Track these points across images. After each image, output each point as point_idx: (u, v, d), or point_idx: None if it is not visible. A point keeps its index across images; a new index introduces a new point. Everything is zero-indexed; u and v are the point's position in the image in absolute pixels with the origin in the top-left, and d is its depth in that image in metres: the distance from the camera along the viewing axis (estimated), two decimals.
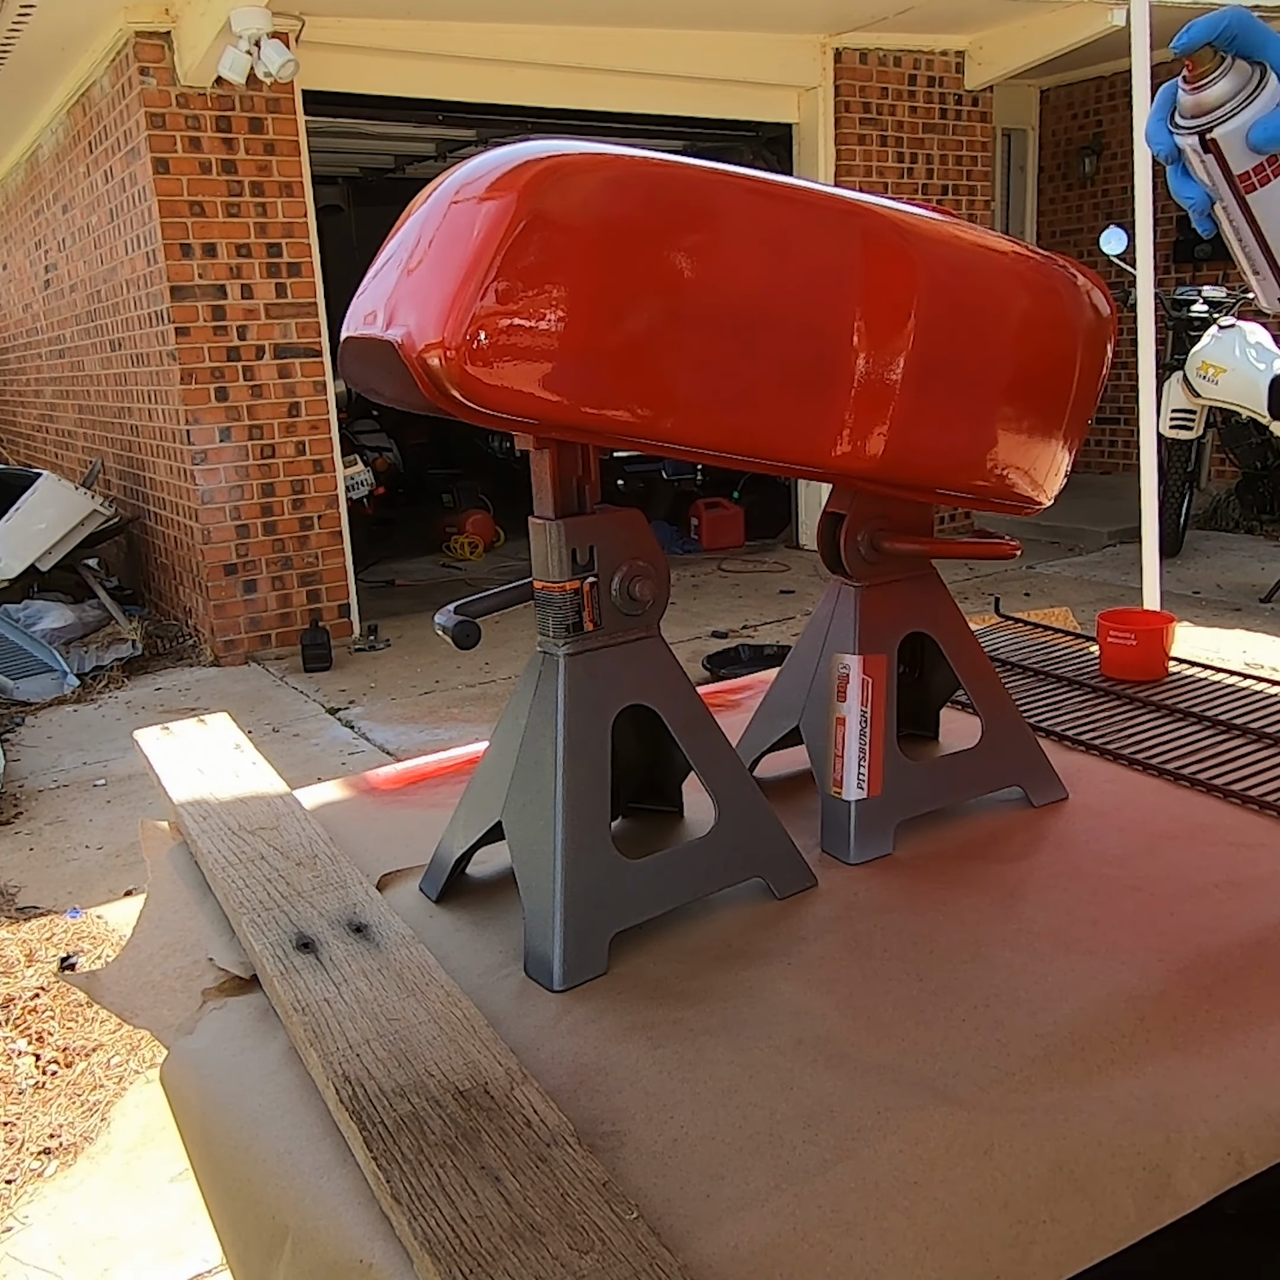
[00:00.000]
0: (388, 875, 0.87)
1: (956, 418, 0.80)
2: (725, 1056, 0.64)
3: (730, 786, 0.78)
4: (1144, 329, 3.53)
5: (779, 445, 0.73)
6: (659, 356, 0.67)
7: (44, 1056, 2.38)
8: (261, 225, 5.26)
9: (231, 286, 5.25)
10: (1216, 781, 0.94)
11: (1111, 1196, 0.57)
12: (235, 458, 5.31)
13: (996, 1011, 0.66)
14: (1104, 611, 1.22)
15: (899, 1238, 0.53)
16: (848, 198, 0.75)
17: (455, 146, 7.39)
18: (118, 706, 4.81)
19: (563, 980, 0.71)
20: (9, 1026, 2.47)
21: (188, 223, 5.12)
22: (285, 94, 5.20)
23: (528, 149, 0.65)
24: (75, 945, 2.83)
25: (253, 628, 5.46)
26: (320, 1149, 0.61)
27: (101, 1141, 2.15)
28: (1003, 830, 0.88)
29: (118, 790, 3.92)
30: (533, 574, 0.74)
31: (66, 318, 7.25)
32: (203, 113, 5.08)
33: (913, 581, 0.88)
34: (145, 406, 5.82)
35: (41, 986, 2.62)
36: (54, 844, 3.52)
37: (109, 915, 2.99)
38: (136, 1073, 2.33)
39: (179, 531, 5.66)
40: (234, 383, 5.26)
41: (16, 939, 2.86)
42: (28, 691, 4.89)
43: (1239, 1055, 0.63)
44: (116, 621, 5.64)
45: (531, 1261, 0.50)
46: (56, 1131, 2.17)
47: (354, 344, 0.70)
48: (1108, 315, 0.87)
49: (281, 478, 5.42)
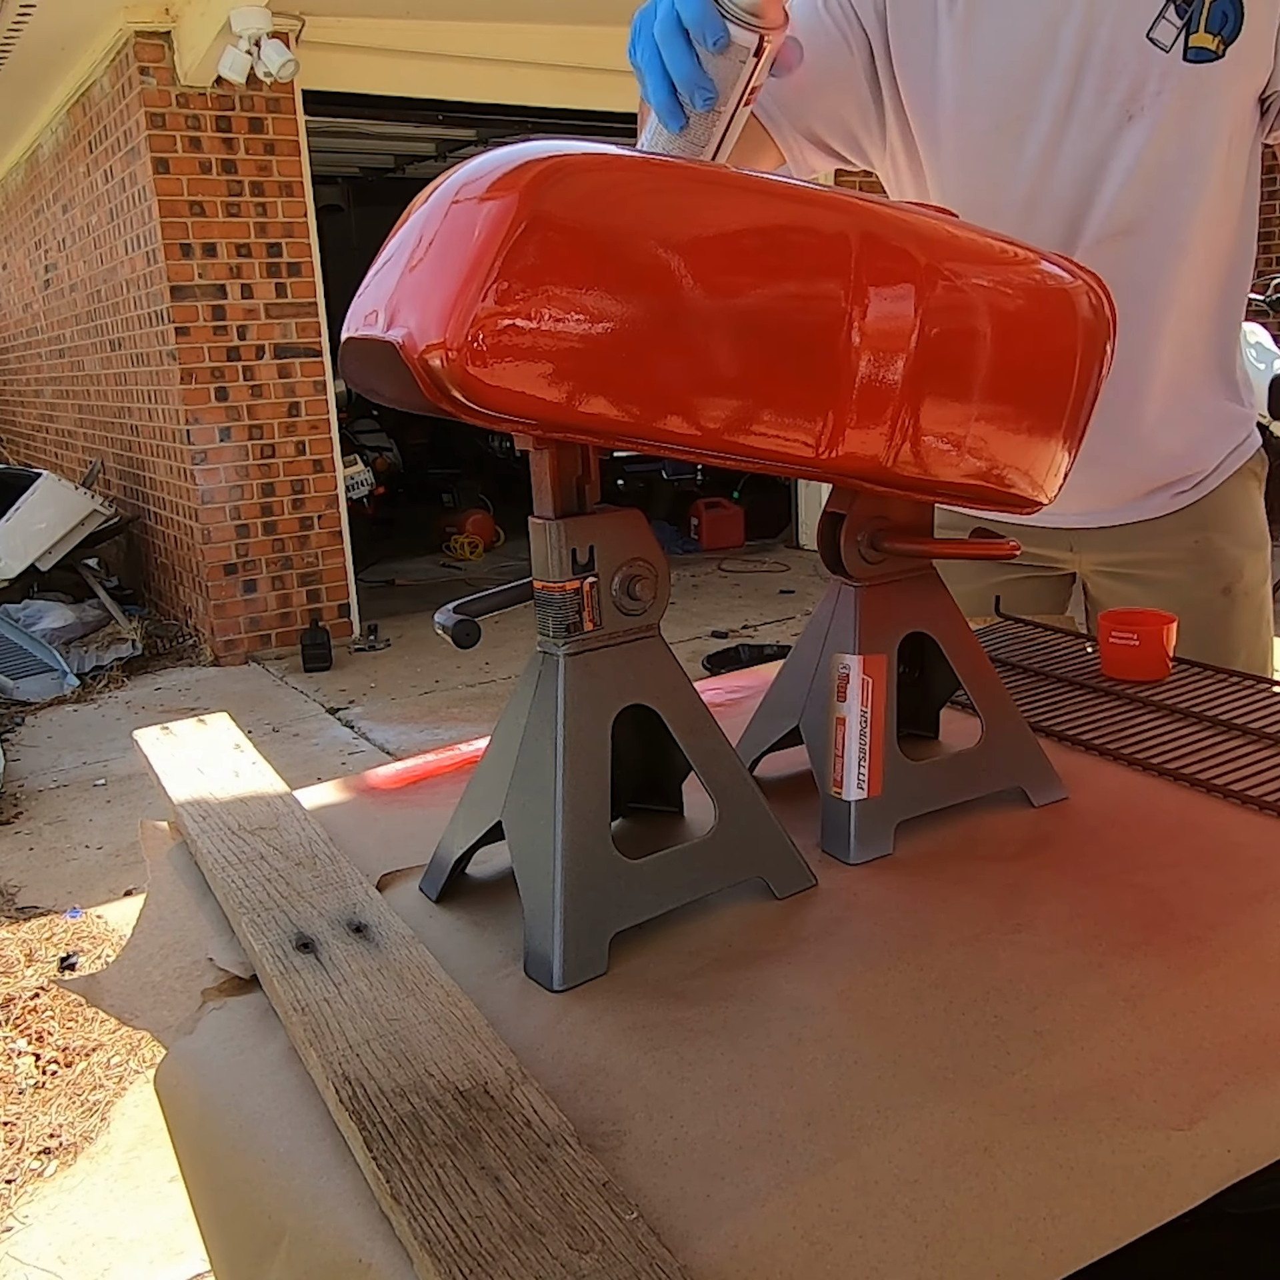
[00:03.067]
0: (388, 875, 0.87)
1: (956, 418, 0.80)
2: (725, 1056, 0.64)
3: (730, 786, 0.78)
4: None
5: (779, 445, 0.73)
6: (660, 356, 0.67)
7: (44, 1056, 2.38)
8: (261, 225, 5.26)
9: (231, 286, 5.25)
10: (1217, 781, 0.94)
11: (1111, 1194, 0.57)
12: (235, 458, 5.31)
13: (996, 1007, 0.66)
14: (1105, 612, 1.22)
15: (899, 1236, 0.53)
16: (848, 197, 0.75)
17: (455, 146, 7.39)
18: (118, 706, 4.82)
19: (563, 980, 0.71)
20: (9, 1026, 2.47)
21: (188, 223, 5.12)
22: (285, 94, 5.20)
23: (528, 149, 0.65)
24: (75, 945, 2.84)
25: (253, 628, 5.46)
26: (320, 1149, 0.61)
27: (101, 1141, 2.15)
28: (1003, 830, 0.88)
29: (118, 790, 3.92)
30: (533, 574, 0.75)
31: (66, 317, 7.25)
32: (203, 113, 5.08)
33: (913, 581, 0.88)
34: (145, 406, 5.82)
35: (41, 986, 2.62)
36: (54, 844, 3.52)
37: (109, 915, 3.00)
38: (136, 1073, 2.34)
39: (179, 531, 5.66)
40: (234, 383, 5.26)
41: (16, 939, 2.86)
42: (28, 691, 4.89)
43: (1239, 1051, 0.63)
44: (116, 621, 5.65)
45: (531, 1261, 0.50)
46: (56, 1131, 2.17)
47: (354, 344, 0.70)
48: (1108, 315, 0.87)
49: (281, 478, 5.42)
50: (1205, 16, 1.17)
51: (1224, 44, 1.18)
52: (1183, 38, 1.17)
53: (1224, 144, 1.24)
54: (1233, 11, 1.17)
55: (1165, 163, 1.21)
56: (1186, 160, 1.22)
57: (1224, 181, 1.26)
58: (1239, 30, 1.19)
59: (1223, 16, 1.17)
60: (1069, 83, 1.19)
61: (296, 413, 5.38)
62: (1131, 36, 1.17)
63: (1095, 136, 1.21)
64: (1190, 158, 1.22)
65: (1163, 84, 1.19)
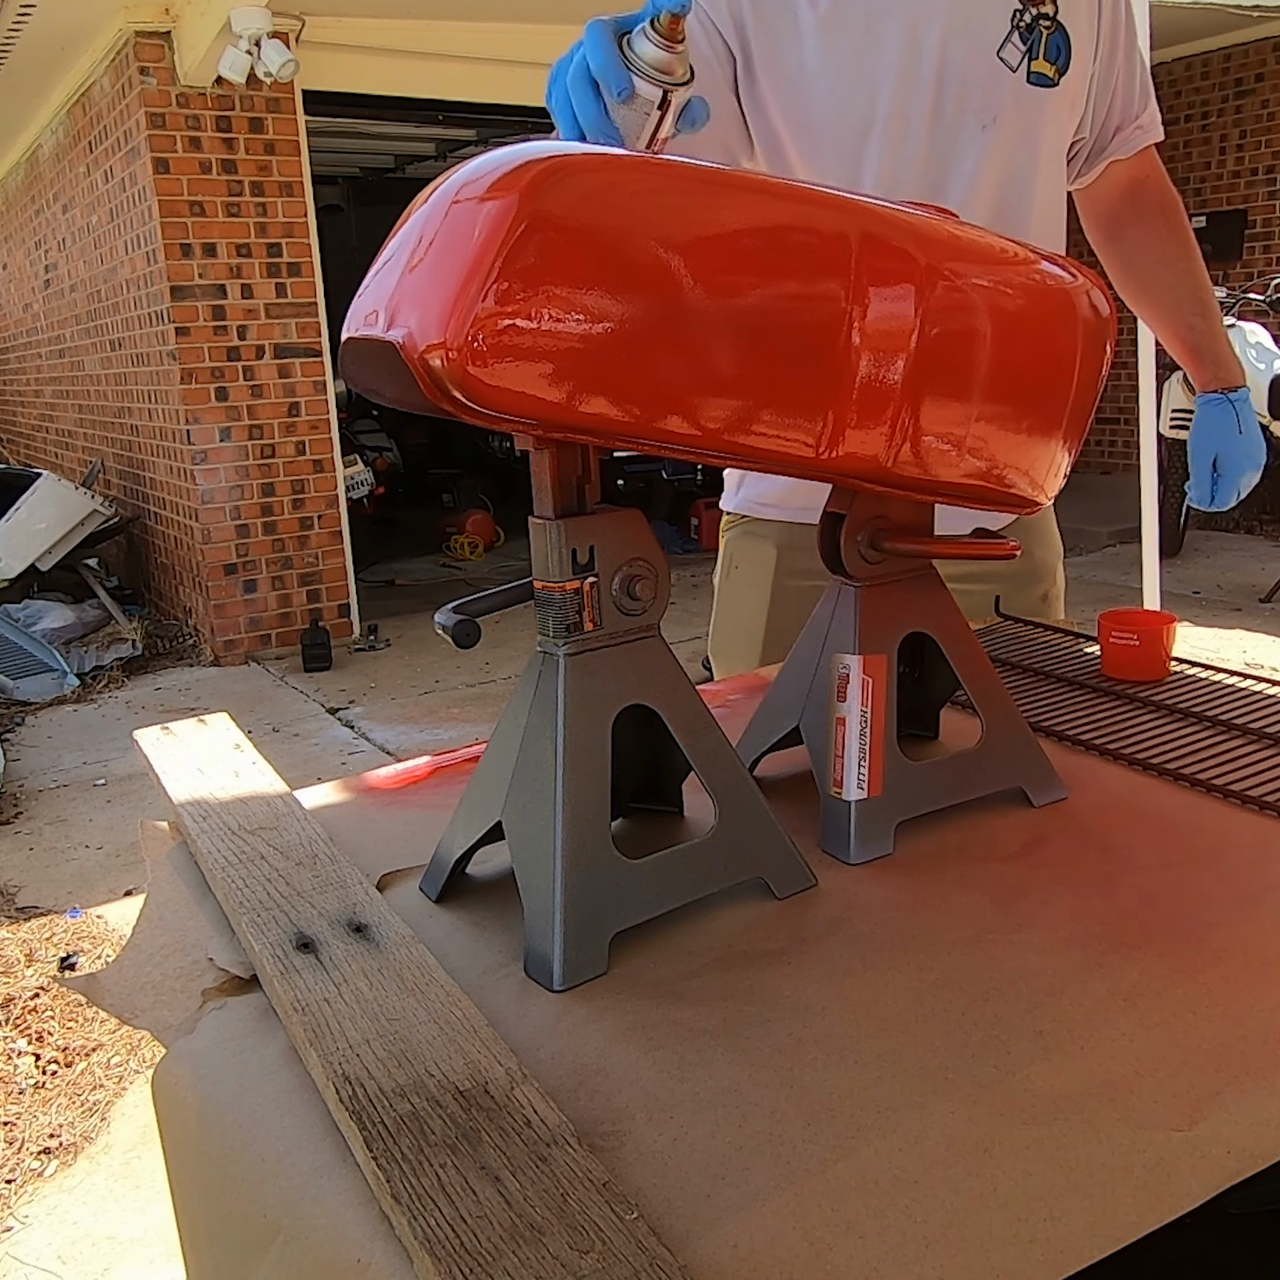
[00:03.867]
0: (388, 875, 0.87)
1: (957, 418, 0.80)
2: (725, 1056, 0.64)
3: (730, 786, 0.78)
4: (1144, 329, 3.53)
5: (779, 445, 0.73)
6: (660, 357, 0.67)
7: (44, 1056, 2.38)
8: (261, 225, 5.26)
9: (231, 286, 5.25)
10: (1216, 781, 0.94)
11: (1111, 1194, 0.57)
12: (235, 458, 5.31)
13: (996, 1007, 0.66)
14: (1105, 612, 1.22)
15: (899, 1236, 0.53)
16: (848, 198, 0.75)
17: (455, 146, 7.39)
18: (118, 706, 4.82)
19: (563, 980, 0.71)
20: (9, 1026, 2.47)
21: (188, 222, 5.12)
22: (285, 94, 5.19)
23: (529, 149, 0.65)
24: (75, 945, 2.84)
25: (253, 628, 5.46)
26: (320, 1149, 0.61)
27: (101, 1141, 2.15)
28: (1003, 830, 0.88)
29: (118, 790, 3.92)
30: (533, 574, 0.74)
31: (66, 317, 7.25)
32: (203, 113, 5.08)
33: (913, 581, 0.88)
34: (145, 406, 5.82)
35: (41, 986, 2.62)
36: (54, 844, 3.52)
37: (109, 915, 3.00)
38: (136, 1073, 2.34)
39: (179, 531, 5.66)
40: (234, 383, 5.26)
41: (16, 939, 2.86)
42: (28, 691, 4.89)
43: (1239, 1052, 0.63)
44: (116, 621, 5.64)
45: (531, 1261, 0.50)
46: (56, 1131, 2.17)
47: (355, 344, 0.70)
48: (1108, 315, 0.87)
49: (281, 478, 5.42)
50: (1044, 46, 1.27)
51: (1059, 74, 1.29)
52: (1026, 62, 1.26)
53: (1059, 164, 1.35)
54: (1064, 46, 1.28)
55: (1010, 175, 1.29)
56: (1029, 174, 1.30)
57: (1055, 195, 1.36)
58: (1069, 64, 1.29)
59: (1057, 48, 1.28)
60: (933, 88, 1.24)
61: (296, 413, 5.38)
62: (984, 54, 1.25)
63: (953, 141, 1.26)
64: (1032, 171, 1.30)
65: (1012, 101, 1.26)
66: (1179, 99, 7.77)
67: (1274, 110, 7.36)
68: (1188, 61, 7.67)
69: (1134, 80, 1.42)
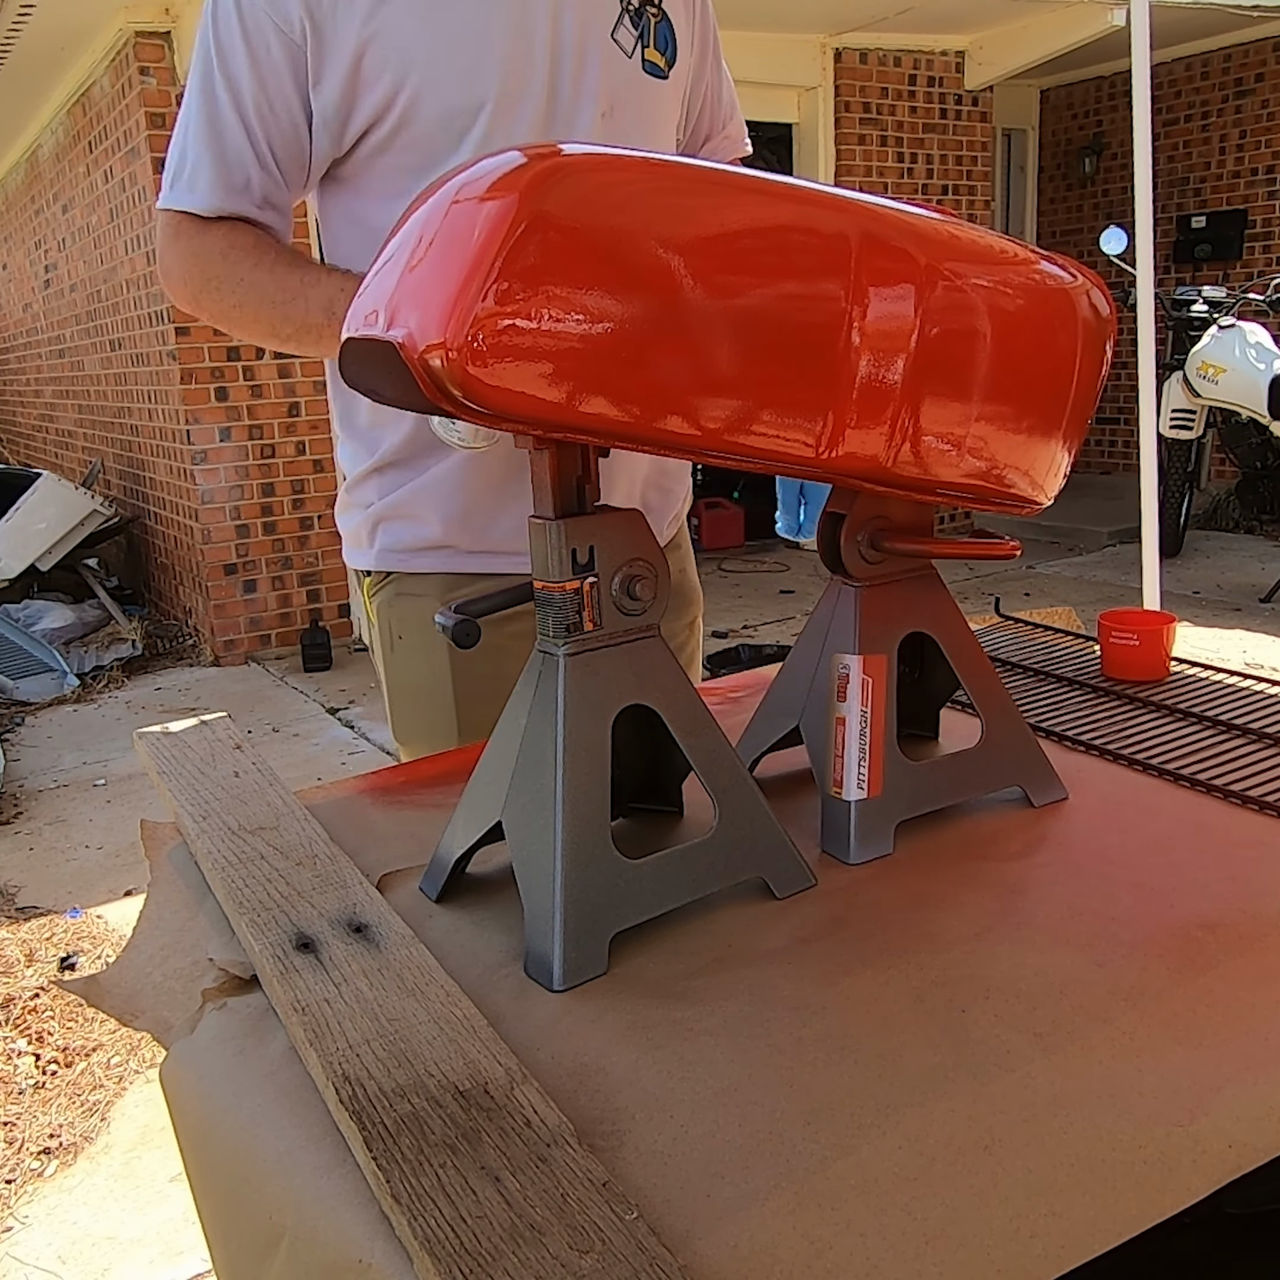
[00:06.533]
0: (388, 875, 0.87)
1: (957, 418, 0.80)
2: (725, 1056, 0.64)
3: (730, 786, 0.78)
4: (1144, 329, 3.53)
5: (779, 445, 0.73)
6: (660, 357, 0.67)
7: (44, 1056, 2.38)
8: None
9: None
10: (1216, 781, 0.94)
11: (1112, 1190, 0.57)
12: (235, 458, 5.30)
13: (996, 1006, 0.66)
14: (1105, 612, 1.22)
15: (899, 1233, 0.53)
16: (848, 198, 0.75)
17: None
18: (118, 706, 4.81)
19: (563, 980, 0.71)
20: (9, 1026, 2.47)
21: None
22: None
23: (529, 149, 0.65)
24: (75, 945, 2.84)
25: (253, 628, 5.46)
26: (320, 1149, 0.61)
27: (101, 1141, 2.15)
28: (1003, 830, 0.88)
29: (118, 790, 3.92)
30: (533, 574, 0.75)
31: (66, 317, 7.24)
32: None
33: (913, 581, 0.88)
34: (145, 406, 5.82)
35: (41, 986, 2.62)
36: (54, 844, 3.52)
37: (109, 915, 3.00)
38: (136, 1073, 2.34)
39: (179, 531, 5.66)
40: (234, 383, 5.26)
41: (16, 939, 2.86)
42: (28, 691, 4.89)
43: (1239, 1048, 0.63)
44: (116, 621, 5.64)
45: (531, 1261, 0.50)
46: (56, 1131, 2.17)
47: (354, 344, 0.70)
48: (1107, 315, 0.87)
49: (281, 478, 5.42)
50: (654, 34, 1.20)
51: (669, 66, 1.22)
52: (640, 49, 1.19)
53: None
54: (671, 38, 1.21)
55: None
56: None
57: None
58: (676, 58, 1.22)
59: (665, 39, 1.21)
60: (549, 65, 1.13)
61: (296, 413, 5.37)
62: (598, 33, 1.15)
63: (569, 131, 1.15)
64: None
65: (628, 90, 1.19)
66: (1179, 99, 7.77)
67: (1274, 110, 7.36)
68: (1188, 61, 7.67)
69: (722, 87, 1.35)
